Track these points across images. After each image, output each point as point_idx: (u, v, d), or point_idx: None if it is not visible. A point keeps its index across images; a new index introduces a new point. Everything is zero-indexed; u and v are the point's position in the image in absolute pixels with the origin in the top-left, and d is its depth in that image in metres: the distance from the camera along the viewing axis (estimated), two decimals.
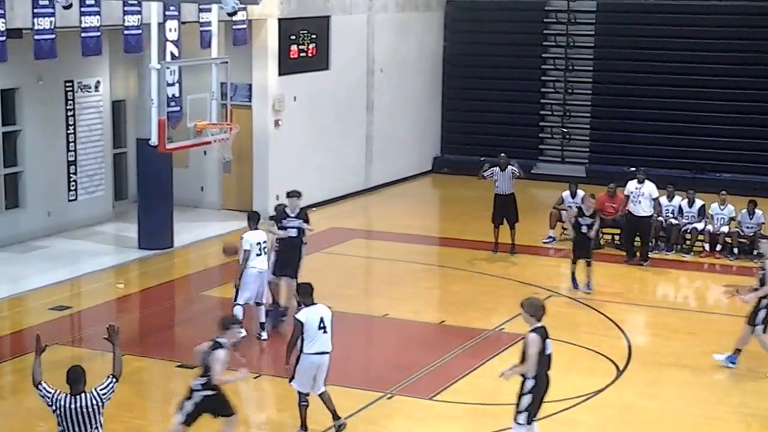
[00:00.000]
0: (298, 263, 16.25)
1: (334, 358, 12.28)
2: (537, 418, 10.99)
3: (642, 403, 13.60)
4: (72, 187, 21.66)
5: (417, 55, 28.49)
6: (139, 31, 17.53)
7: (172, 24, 17.54)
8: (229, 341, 11.15)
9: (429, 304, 18.06)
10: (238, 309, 15.58)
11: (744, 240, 20.71)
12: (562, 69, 28.71)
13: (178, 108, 17.32)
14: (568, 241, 21.55)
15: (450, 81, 29.73)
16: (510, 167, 20.43)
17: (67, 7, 15.79)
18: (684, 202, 21.11)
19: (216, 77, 16.85)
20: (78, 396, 9.28)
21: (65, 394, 9.31)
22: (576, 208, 18.09)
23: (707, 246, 20.83)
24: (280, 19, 23.11)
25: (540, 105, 29.09)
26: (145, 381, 14.42)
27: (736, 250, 20.59)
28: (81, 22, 16.71)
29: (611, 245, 21.22)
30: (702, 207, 21.00)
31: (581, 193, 21.84)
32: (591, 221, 18.10)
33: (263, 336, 15.59)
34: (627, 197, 20.37)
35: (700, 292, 19.47)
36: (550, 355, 10.87)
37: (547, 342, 10.81)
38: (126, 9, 17.35)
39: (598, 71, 28.41)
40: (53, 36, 16.29)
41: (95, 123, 22.09)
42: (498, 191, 20.62)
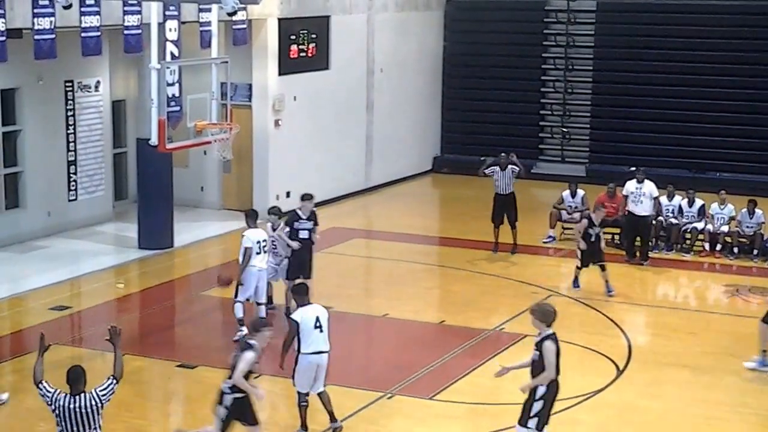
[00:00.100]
0: (311, 263, 16.26)
1: (334, 357, 12.27)
2: (548, 423, 10.88)
3: (642, 403, 13.59)
4: (72, 187, 21.66)
5: (417, 55, 28.49)
6: (139, 31, 17.52)
7: (172, 24, 17.53)
8: (260, 344, 11.03)
9: (429, 303, 18.06)
10: (238, 306, 15.67)
11: (744, 239, 20.70)
12: (562, 69, 28.70)
13: (178, 108, 17.31)
14: (567, 241, 21.62)
15: (450, 81, 29.73)
16: (510, 166, 20.43)
17: (67, 7, 15.79)
18: (684, 201, 21.11)
19: (216, 77, 16.85)
20: (77, 396, 9.28)
21: (65, 393, 9.31)
22: (586, 219, 18.05)
23: (707, 245, 20.83)
24: (280, 19, 23.10)
25: (540, 105, 29.09)
26: (145, 381, 14.41)
27: (736, 249, 20.58)
28: (81, 22, 16.69)
29: (611, 245, 21.18)
30: (702, 207, 21.00)
31: (581, 193, 21.93)
32: (599, 230, 18.14)
33: None
34: (625, 197, 20.36)
35: (700, 291, 19.45)
36: (559, 361, 10.81)
37: (558, 348, 10.75)
38: (126, 9, 17.34)
39: (598, 71, 28.41)
40: (53, 36, 16.28)
41: (95, 123, 22.09)
42: (498, 191, 20.63)
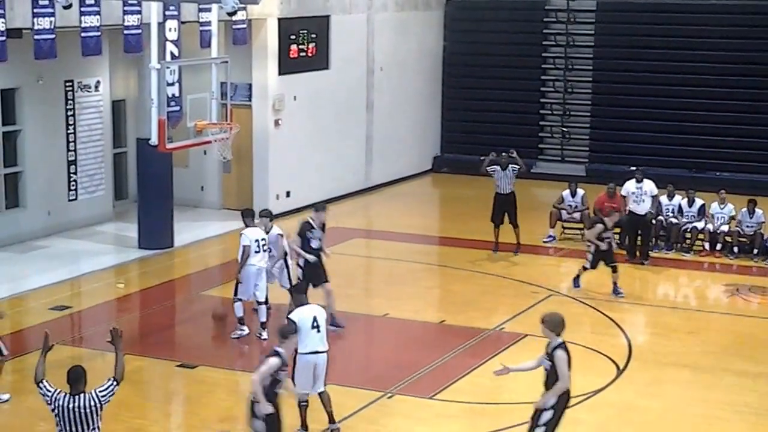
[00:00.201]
0: (324, 270, 16.22)
1: (334, 357, 12.27)
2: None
3: (642, 402, 13.59)
4: (72, 187, 21.66)
5: (417, 55, 28.48)
6: (139, 31, 17.53)
7: (172, 24, 17.54)
8: (288, 351, 10.97)
9: (429, 303, 18.05)
10: (237, 305, 15.67)
11: (744, 239, 20.70)
12: (561, 68, 28.70)
13: (178, 108, 17.31)
14: (568, 240, 21.64)
15: (450, 80, 29.72)
16: (511, 166, 20.42)
17: (67, 7, 15.79)
18: (684, 201, 21.11)
19: (216, 77, 16.86)
20: (77, 396, 9.27)
21: (64, 393, 9.30)
22: (600, 225, 18.04)
23: (707, 245, 20.82)
24: (279, 19, 23.10)
25: (540, 104, 29.08)
26: (145, 381, 14.42)
27: (736, 249, 20.58)
28: (81, 22, 16.70)
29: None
30: (702, 206, 21.00)
31: (581, 192, 21.92)
32: (612, 233, 18.19)
33: (264, 336, 15.58)
34: (624, 197, 20.34)
35: (700, 291, 19.45)
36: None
37: (570, 356, 10.68)
38: (126, 9, 17.34)
39: (597, 71, 28.40)
40: (53, 36, 16.28)
41: (95, 123, 22.08)
42: (499, 190, 20.62)
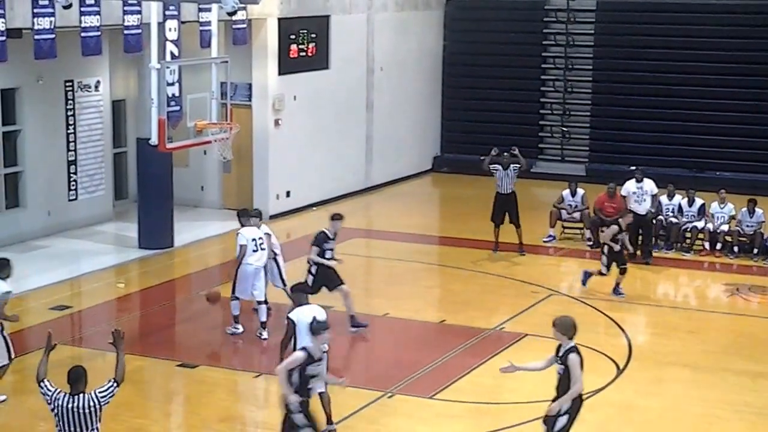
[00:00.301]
0: (337, 274, 16.19)
1: (334, 357, 12.26)
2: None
3: (643, 402, 13.60)
4: (72, 187, 21.66)
5: (417, 55, 28.48)
6: (139, 31, 17.53)
7: (171, 24, 17.53)
8: (317, 346, 10.93)
9: (429, 303, 18.05)
10: (234, 303, 15.68)
11: (744, 239, 20.70)
12: (561, 68, 28.70)
13: (178, 108, 17.30)
14: (568, 240, 21.64)
15: (450, 80, 29.72)
16: (513, 166, 20.42)
17: (67, 7, 15.80)
18: (684, 200, 21.11)
19: (216, 77, 16.86)
20: (77, 396, 9.26)
21: (64, 393, 9.30)
22: (615, 226, 18.03)
23: (707, 245, 20.82)
24: (279, 19, 23.10)
25: (540, 104, 29.08)
26: (146, 380, 14.42)
27: (736, 248, 20.59)
28: (81, 21, 16.69)
29: None
30: (702, 206, 21.00)
31: (581, 192, 21.92)
32: (624, 234, 18.21)
33: (264, 335, 15.59)
34: (624, 197, 20.33)
35: (700, 290, 19.44)
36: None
37: (582, 359, 10.65)
38: (126, 9, 17.34)
39: (597, 70, 28.40)
40: (53, 36, 16.28)
41: (95, 123, 22.08)
42: (500, 190, 20.61)
